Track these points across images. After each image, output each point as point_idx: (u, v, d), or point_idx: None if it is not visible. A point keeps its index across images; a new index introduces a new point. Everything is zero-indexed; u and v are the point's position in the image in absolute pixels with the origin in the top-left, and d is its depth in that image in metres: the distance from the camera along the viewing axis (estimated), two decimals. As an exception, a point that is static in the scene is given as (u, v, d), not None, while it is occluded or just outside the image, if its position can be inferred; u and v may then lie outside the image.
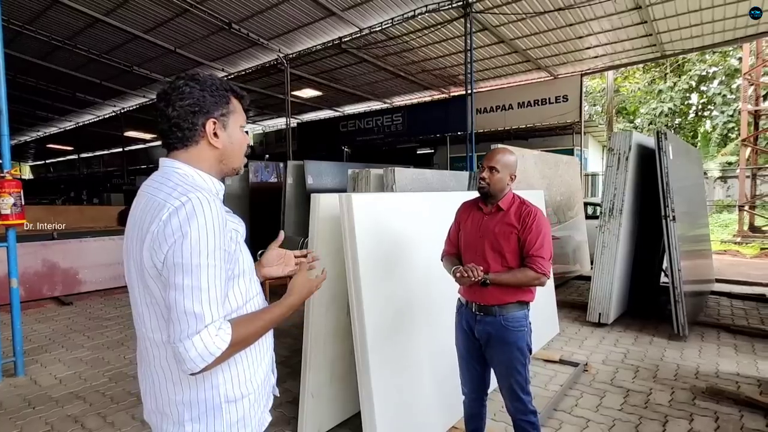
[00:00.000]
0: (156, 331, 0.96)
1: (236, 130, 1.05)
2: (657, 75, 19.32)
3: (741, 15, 7.95)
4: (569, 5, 7.66)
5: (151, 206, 0.92)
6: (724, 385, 3.05)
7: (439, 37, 9.27)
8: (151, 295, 0.94)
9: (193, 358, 0.85)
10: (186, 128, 0.98)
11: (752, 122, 12.06)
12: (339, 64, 11.11)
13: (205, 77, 1.02)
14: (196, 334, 0.85)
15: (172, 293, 0.87)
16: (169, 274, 0.87)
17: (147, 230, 0.90)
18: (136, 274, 0.95)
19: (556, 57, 10.21)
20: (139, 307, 0.97)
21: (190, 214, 0.88)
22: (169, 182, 0.95)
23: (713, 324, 4.39)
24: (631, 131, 4.58)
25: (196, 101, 0.98)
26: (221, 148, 1.02)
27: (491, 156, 1.96)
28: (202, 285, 0.87)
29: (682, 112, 18.86)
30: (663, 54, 10.09)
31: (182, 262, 0.86)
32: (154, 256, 0.89)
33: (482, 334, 1.93)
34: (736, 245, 10.76)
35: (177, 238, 0.86)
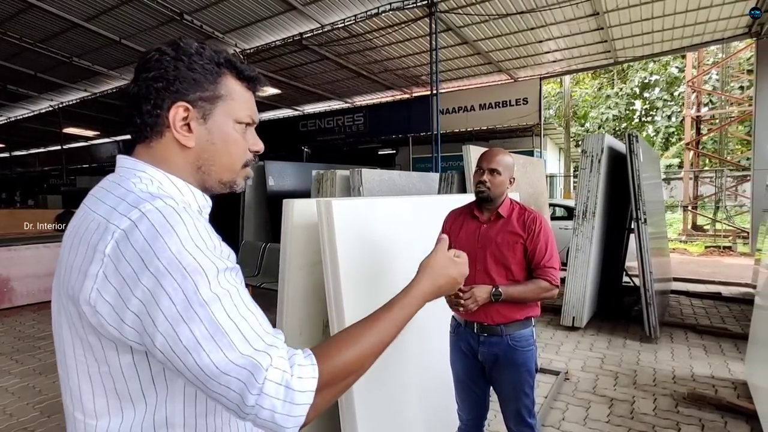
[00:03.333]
0: (103, 417, 0.61)
1: (225, 124, 0.69)
2: (605, 81, 20.26)
3: (688, 24, 8.37)
4: (531, 9, 7.74)
5: (86, 229, 0.60)
6: (701, 389, 3.05)
7: (403, 36, 9.13)
8: (100, 362, 0.60)
9: (281, 420, 0.54)
10: (145, 112, 0.66)
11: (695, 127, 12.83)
12: (299, 62, 10.73)
13: (191, 45, 0.68)
14: (257, 382, 0.53)
15: (186, 357, 0.54)
16: (169, 331, 0.54)
17: (85, 271, 0.57)
18: (69, 331, 0.61)
19: (516, 60, 10.36)
20: (76, 381, 0.62)
21: (159, 227, 0.56)
22: (118, 189, 0.63)
23: (679, 324, 4.48)
24: (603, 133, 4.60)
25: (164, 73, 0.65)
26: (194, 148, 0.68)
27: (491, 157, 1.75)
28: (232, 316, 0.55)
29: (627, 117, 19.89)
30: (616, 60, 10.48)
31: (181, 299, 0.53)
32: (113, 314, 0.55)
33: (488, 357, 1.75)
34: (682, 243, 11.38)
35: (148, 278, 0.54)
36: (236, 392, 0.54)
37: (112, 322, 0.56)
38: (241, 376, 0.53)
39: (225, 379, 0.53)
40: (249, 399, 0.53)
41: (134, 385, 0.60)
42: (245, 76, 0.72)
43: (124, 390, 0.60)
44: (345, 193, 5.55)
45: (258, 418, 0.54)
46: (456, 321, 1.87)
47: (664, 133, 18.69)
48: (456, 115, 11.98)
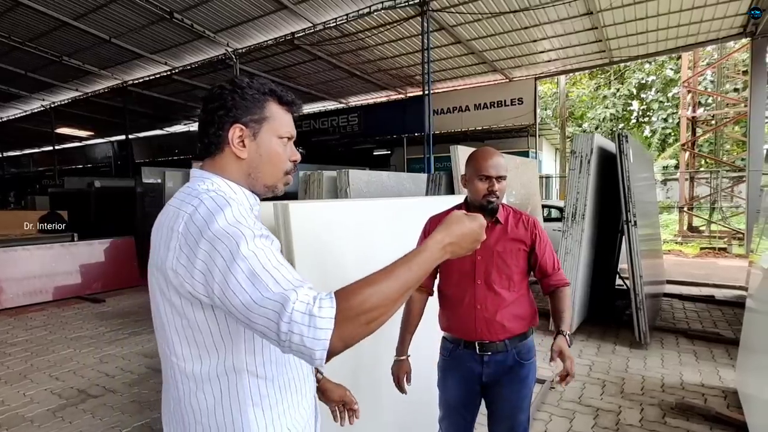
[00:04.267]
0: (188, 361, 0.82)
1: (270, 141, 0.91)
2: (602, 81, 20.19)
3: (683, 24, 8.29)
4: (524, 7, 7.66)
5: (167, 217, 0.83)
6: (690, 398, 2.96)
7: (396, 35, 9.04)
8: (182, 317, 0.80)
9: (309, 342, 0.67)
10: (211, 133, 0.89)
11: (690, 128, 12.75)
12: (292, 61, 10.64)
13: (245, 80, 0.91)
14: (287, 311, 0.68)
15: (234, 298, 0.71)
16: (222, 280, 0.72)
17: (167, 246, 0.79)
18: (160, 296, 0.83)
19: (511, 60, 10.27)
20: (168, 333, 0.83)
21: (212, 209, 0.77)
22: (188, 189, 0.86)
23: (671, 329, 4.38)
24: (593, 133, 4.50)
25: (224, 104, 0.88)
26: (246, 160, 0.90)
27: (496, 163, 1.55)
28: (266, 266, 0.72)
29: (624, 118, 19.82)
30: (611, 60, 10.40)
31: (228, 256, 0.72)
32: (187, 273, 0.75)
33: (491, 377, 1.60)
34: (678, 245, 11.30)
35: (205, 243, 0.74)
36: (273, 321, 0.68)
37: (187, 281, 0.75)
38: (275, 307, 0.68)
39: (262, 311, 0.68)
40: (282, 326, 0.67)
41: (207, 338, 0.80)
42: (284, 101, 0.93)
43: (201, 340, 0.80)
44: (332, 194, 5.45)
45: (292, 343, 0.68)
46: (450, 343, 1.69)
47: (661, 134, 18.64)
48: (451, 116, 11.89)
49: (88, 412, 3.03)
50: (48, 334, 4.75)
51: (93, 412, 3.02)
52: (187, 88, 12.74)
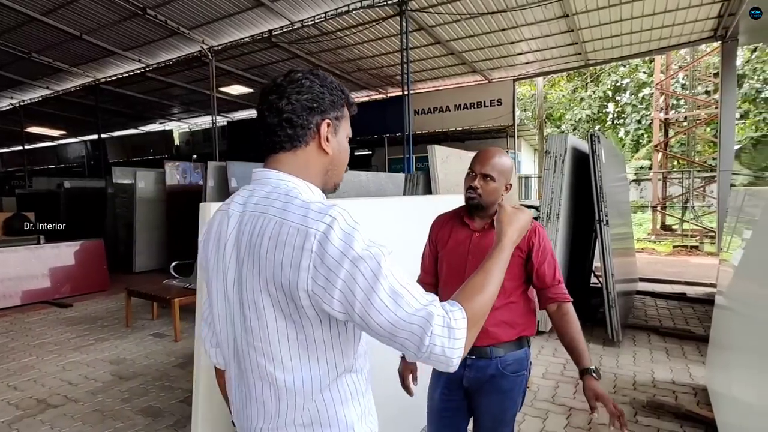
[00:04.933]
0: (297, 371, 0.82)
1: (343, 140, 0.93)
2: (579, 84, 20.56)
3: (656, 28, 8.46)
4: (502, 9, 7.70)
5: (287, 236, 0.77)
6: (661, 395, 2.99)
7: (375, 34, 9.00)
8: (299, 332, 0.80)
9: (449, 352, 0.73)
10: (299, 125, 0.85)
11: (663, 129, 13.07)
12: (270, 60, 10.49)
13: (325, 74, 0.90)
14: (431, 326, 0.73)
15: (378, 316, 0.73)
16: (364, 299, 0.73)
17: (297, 266, 0.75)
18: (274, 312, 0.79)
19: (490, 61, 10.34)
20: (273, 347, 0.81)
21: (347, 229, 0.76)
22: (293, 200, 0.80)
23: (643, 326, 4.45)
24: (567, 133, 4.54)
25: (315, 97, 0.86)
26: (331, 155, 0.89)
27: (485, 159, 1.53)
28: (402, 283, 0.75)
29: (600, 119, 20.22)
30: (587, 63, 10.56)
31: (370, 276, 0.73)
32: (326, 293, 0.75)
33: (472, 382, 1.55)
34: (651, 243, 11.55)
35: (348, 264, 0.73)
36: (417, 335, 0.72)
37: (325, 301, 0.74)
38: (420, 323, 0.72)
39: (408, 326, 0.72)
40: (425, 339, 0.71)
41: (321, 348, 0.81)
42: (350, 102, 0.93)
43: (314, 350, 0.81)
44: (309, 194, 5.36)
45: (432, 354, 0.72)
46: None
47: (634, 135, 19.07)
48: (431, 116, 11.91)
49: (46, 423, 2.89)
50: (10, 341, 4.54)
51: (52, 423, 2.89)
52: (162, 86, 12.45)
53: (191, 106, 15.04)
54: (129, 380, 3.53)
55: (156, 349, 4.25)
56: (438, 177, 4.10)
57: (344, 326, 0.83)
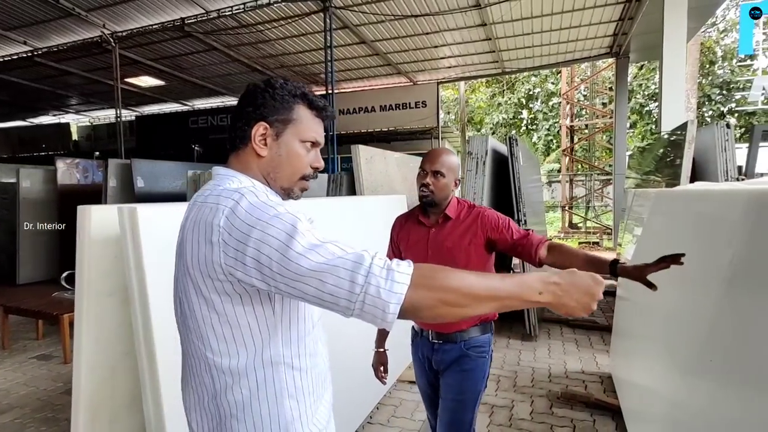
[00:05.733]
0: (225, 356, 0.83)
1: (293, 143, 0.93)
2: (497, 90, 21.79)
3: (562, 42, 9.16)
4: (425, 13, 7.84)
5: (201, 216, 0.81)
6: (573, 386, 3.16)
7: (298, 30, 8.71)
8: (220, 314, 0.81)
9: (384, 295, 0.69)
10: (238, 127, 0.92)
11: (569, 135, 14.26)
12: (184, 51, 9.73)
13: (278, 81, 0.93)
14: (365, 263, 0.71)
15: (298, 268, 0.71)
16: (280, 257, 0.72)
17: (210, 242, 0.77)
18: (195, 295, 0.81)
19: (414, 63, 10.51)
20: (203, 330, 0.83)
21: (255, 202, 0.78)
22: (218, 187, 0.85)
23: (556, 320, 4.73)
24: (487, 135, 4.69)
25: (253, 101, 0.91)
26: (266, 158, 0.92)
27: (434, 158, 1.64)
28: (325, 239, 0.74)
29: (516, 125, 21.60)
30: (504, 70, 11.17)
31: (284, 236, 0.72)
32: (238, 262, 0.75)
33: (440, 364, 1.70)
34: (562, 240, 12.55)
35: (257, 233, 0.74)
36: (348, 274, 0.70)
37: (239, 269, 0.76)
38: (353, 260, 0.71)
39: (334, 270, 0.70)
40: (359, 278, 0.70)
41: (246, 332, 0.83)
42: (315, 106, 0.94)
43: (239, 335, 0.83)
44: (226, 195, 5.02)
45: (367, 295, 0.70)
46: (414, 330, 1.81)
47: (545, 140, 20.64)
48: (357, 116, 11.85)
49: None
50: None
51: None
52: (56, 73, 11.03)
53: (92, 97, 13.52)
54: (1, 415, 2.99)
55: (39, 373, 3.68)
56: (362, 177, 4.02)
57: (270, 306, 0.83)
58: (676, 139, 3.98)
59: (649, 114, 17.52)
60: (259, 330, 0.82)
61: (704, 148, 3.56)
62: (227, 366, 0.83)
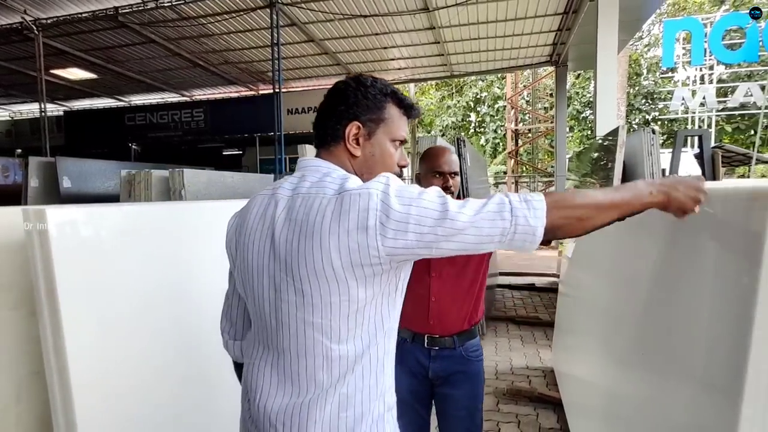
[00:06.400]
0: (350, 342, 0.86)
1: (384, 143, 0.94)
2: (446, 93, 22.30)
3: (506, 49, 9.51)
4: (374, 13, 7.83)
5: (345, 206, 0.81)
6: (518, 381, 3.25)
7: (244, 26, 8.42)
8: (352, 302, 0.83)
9: (532, 221, 0.78)
10: (329, 126, 0.92)
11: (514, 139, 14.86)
12: (118, 42, 9.10)
13: (368, 79, 0.94)
14: (507, 200, 0.80)
15: (456, 222, 0.77)
16: (438, 220, 0.78)
17: (364, 227, 0.79)
18: (337, 289, 0.82)
19: (364, 64, 10.49)
20: (334, 322, 0.84)
21: (401, 187, 0.82)
22: (350, 181, 0.86)
23: (502, 317, 4.87)
24: (436, 136, 4.74)
25: (345, 99, 0.92)
26: (360, 158, 0.93)
27: (448, 158, 1.60)
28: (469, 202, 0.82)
29: (464, 127, 22.21)
30: (452, 74, 11.43)
31: (438, 206, 0.79)
32: (398, 240, 0.79)
33: (440, 373, 1.60)
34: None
35: (413, 204, 0.79)
36: (498, 216, 0.78)
37: (400, 246, 0.79)
38: (496, 201, 0.80)
39: (487, 215, 0.78)
40: (506, 215, 0.78)
41: (373, 313, 0.87)
42: (404, 104, 0.97)
43: (369, 319, 0.86)
44: (164, 196, 4.73)
45: (518, 225, 0.78)
46: (400, 336, 1.60)
47: (492, 143, 21.37)
48: (306, 116, 11.62)
49: None
50: None
51: None
52: (-34, 61, 9.96)
53: (12, 89, 12.34)
54: None
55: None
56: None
57: (395, 284, 0.87)
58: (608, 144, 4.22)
59: (585, 120, 18.64)
60: (382, 308, 0.87)
61: (633, 152, 3.79)
62: (352, 351, 0.85)
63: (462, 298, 1.60)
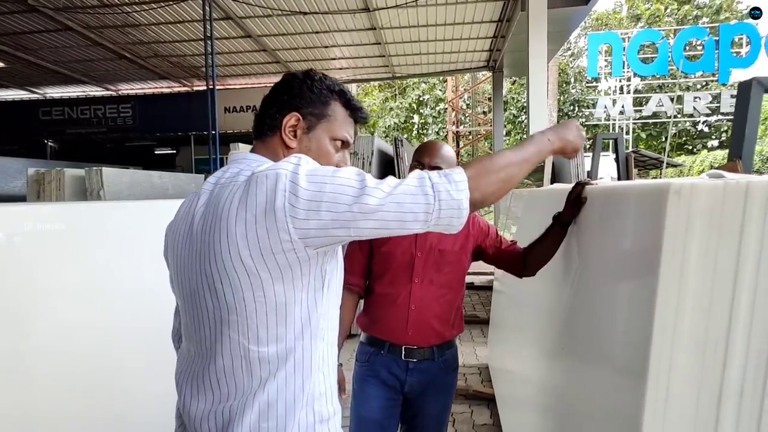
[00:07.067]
0: (273, 343, 0.79)
1: (323, 140, 0.91)
2: (389, 94, 22.53)
3: (446, 52, 9.74)
4: (313, 11, 7.70)
5: (252, 190, 0.75)
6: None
7: (174, 17, 7.94)
8: (272, 297, 0.77)
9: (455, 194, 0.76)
10: (269, 114, 0.90)
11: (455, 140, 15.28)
12: (30, 28, 8.25)
13: (317, 74, 0.92)
14: (426, 177, 0.77)
15: (372, 199, 0.74)
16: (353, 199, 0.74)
17: (273, 210, 0.73)
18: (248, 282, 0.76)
19: (305, 62, 10.28)
20: (252, 320, 0.78)
21: (312, 165, 0.79)
22: (254, 167, 0.82)
23: (441, 315, 4.95)
24: (373, 136, 4.72)
25: (289, 90, 0.90)
26: (294, 150, 0.88)
27: (434, 151, 1.47)
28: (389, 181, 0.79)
29: (408, 129, 22.55)
30: (394, 75, 11.52)
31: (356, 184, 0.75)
32: (308, 219, 0.73)
33: (415, 387, 1.49)
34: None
35: (327, 181, 0.75)
36: (419, 191, 0.76)
37: (313, 226, 0.74)
38: (416, 177, 0.77)
39: (406, 189, 0.75)
40: (427, 189, 0.75)
41: (295, 311, 0.79)
42: (350, 106, 0.95)
43: (291, 317, 0.79)
44: (80, 197, 4.37)
45: (441, 201, 0.75)
46: (371, 347, 1.52)
47: (435, 145, 21.94)
48: (244, 114, 11.22)
49: None
50: None
51: None
52: None
53: None
54: None
55: None
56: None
57: (321, 278, 0.82)
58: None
59: (521, 124, 19.61)
60: (308, 306, 0.81)
61: (561, 153, 4.01)
62: (274, 352, 0.79)
63: (445, 306, 1.49)
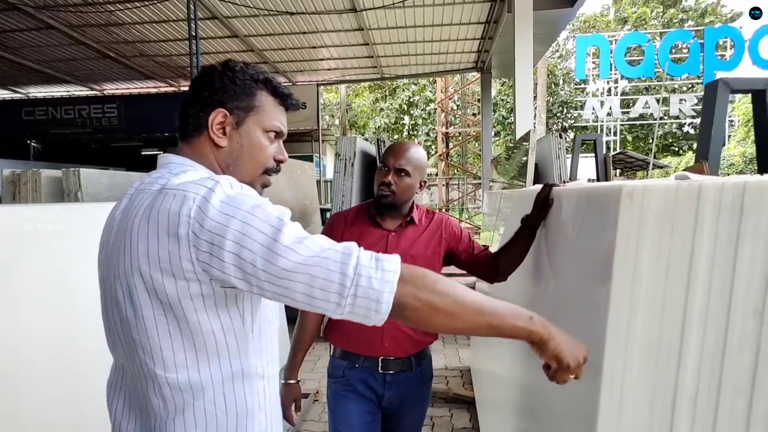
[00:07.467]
0: (183, 369, 0.71)
1: (255, 133, 0.84)
2: (379, 95, 22.52)
3: (435, 53, 9.75)
4: (300, 11, 7.65)
5: (161, 205, 0.69)
6: (437, 382, 3.25)
7: (159, 16, 7.85)
8: (180, 320, 0.70)
9: (377, 284, 0.63)
10: (192, 114, 0.82)
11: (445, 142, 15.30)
12: (9, 27, 8.10)
13: (238, 64, 0.84)
14: (354, 255, 0.65)
15: (285, 261, 0.63)
16: (265, 251, 0.63)
17: (175, 234, 0.66)
18: (147, 297, 0.69)
19: (293, 63, 10.24)
20: (154, 342, 0.71)
21: (230, 192, 0.69)
22: (175, 176, 0.75)
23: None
24: (356, 137, 4.67)
25: (210, 85, 0.81)
26: (225, 149, 0.82)
27: (399, 153, 1.40)
28: (312, 236, 0.68)
29: (397, 130, 22.57)
30: (383, 76, 11.50)
31: (270, 229, 0.65)
32: (213, 258, 0.65)
33: (394, 400, 1.44)
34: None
35: (237, 223, 0.65)
36: (338, 266, 0.64)
37: (215, 266, 0.66)
38: (342, 251, 0.65)
39: (325, 262, 0.64)
40: (349, 269, 0.64)
41: (210, 340, 0.72)
42: (278, 93, 0.87)
43: (202, 343, 0.71)
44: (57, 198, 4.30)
45: (359, 287, 0.64)
46: (344, 361, 1.46)
47: (424, 145, 21.92)
48: (231, 115, 11.15)
49: None
50: None
51: None
52: None
53: None
54: None
55: None
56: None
57: (239, 313, 0.74)
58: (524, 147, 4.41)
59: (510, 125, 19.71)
60: (225, 338, 0.73)
61: (544, 154, 4.00)
62: (186, 381, 0.72)
63: None
